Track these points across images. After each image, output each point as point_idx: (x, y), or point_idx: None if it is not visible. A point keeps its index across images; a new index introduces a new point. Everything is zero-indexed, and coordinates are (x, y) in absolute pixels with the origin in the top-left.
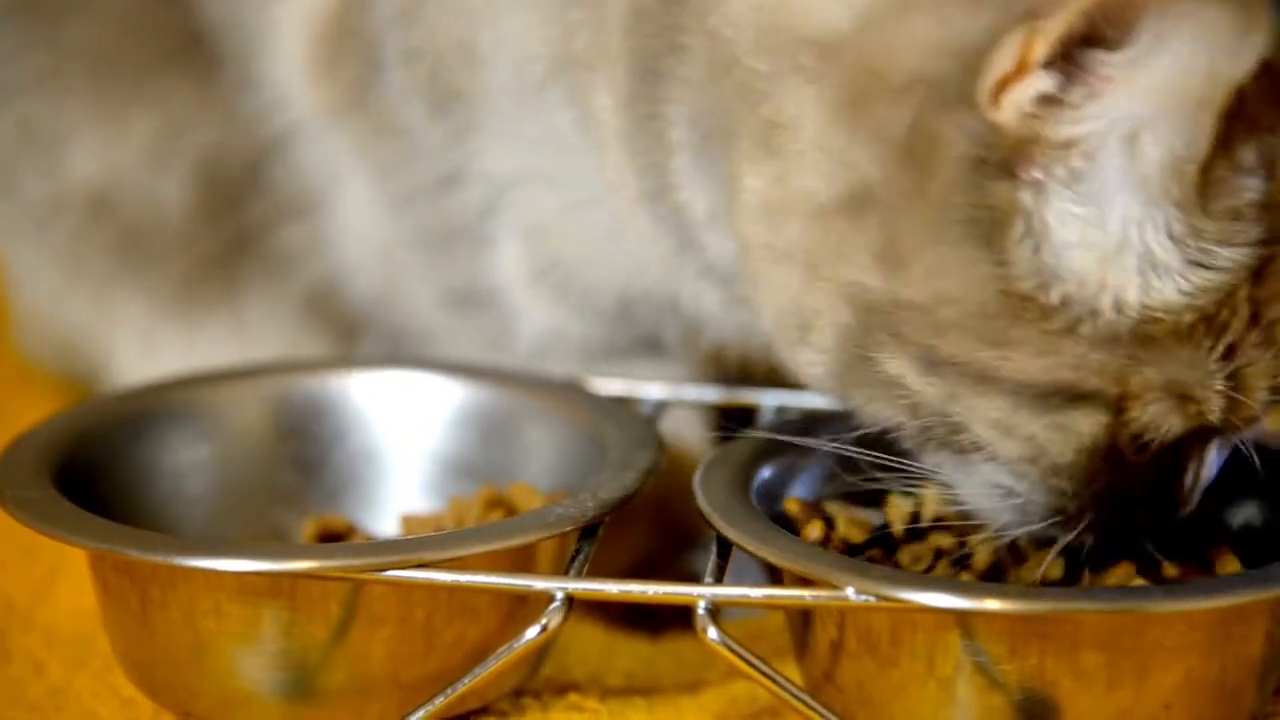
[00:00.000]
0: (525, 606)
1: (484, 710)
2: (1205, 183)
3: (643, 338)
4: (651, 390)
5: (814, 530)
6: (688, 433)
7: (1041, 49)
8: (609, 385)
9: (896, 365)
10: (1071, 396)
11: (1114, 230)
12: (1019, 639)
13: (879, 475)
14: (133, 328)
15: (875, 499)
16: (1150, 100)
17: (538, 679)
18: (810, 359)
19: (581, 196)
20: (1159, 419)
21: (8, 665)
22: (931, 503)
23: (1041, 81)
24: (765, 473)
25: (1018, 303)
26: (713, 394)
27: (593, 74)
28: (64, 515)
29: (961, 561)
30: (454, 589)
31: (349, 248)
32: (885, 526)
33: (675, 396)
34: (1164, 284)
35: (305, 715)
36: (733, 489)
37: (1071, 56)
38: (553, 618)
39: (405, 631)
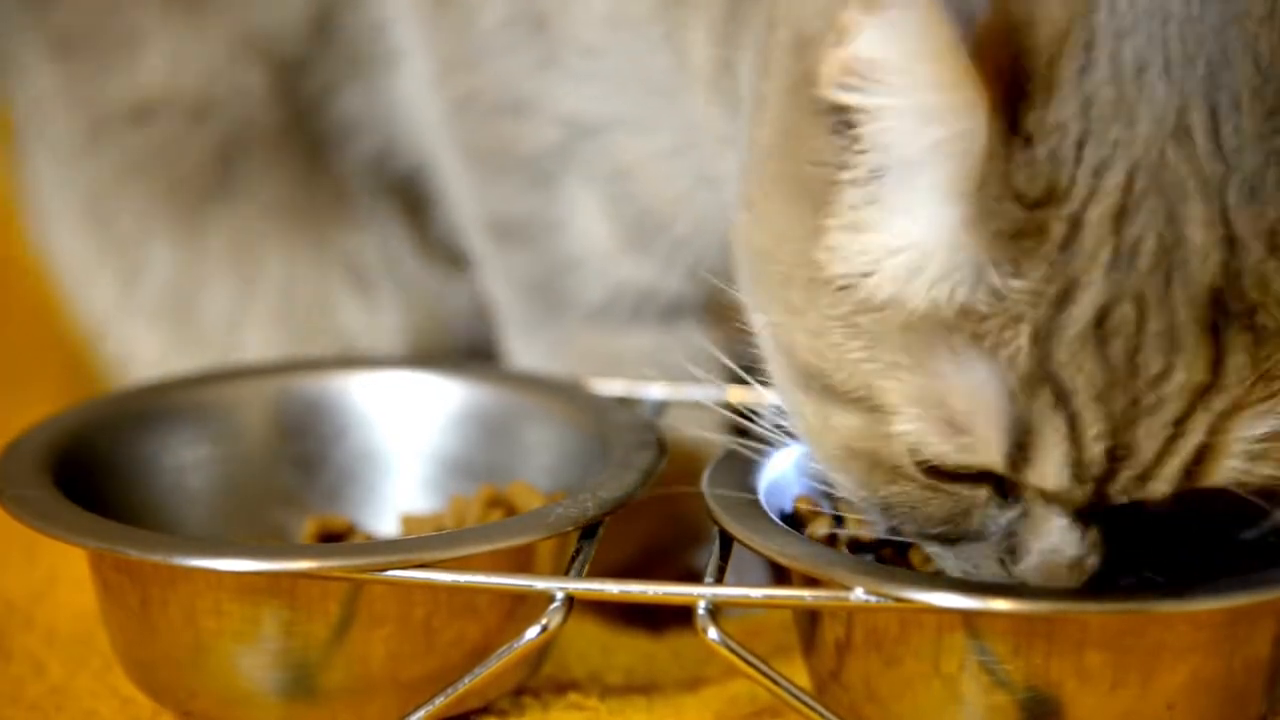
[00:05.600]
0: (525, 606)
1: (484, 709)
2: (983, 197)
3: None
4: (652, 390)
5: (820, 528)
6: (707, 431)
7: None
8: (609, 385)
9: (755, 316)
10: (828, 391)
11: (903, 227)
12: (1024, 638)
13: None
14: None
15: None
16: (895, 85)
17: (538, 677)
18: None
19: (670, 144)
20: (925, 439)
21: (8, 665)
22: None
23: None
24: (774, 471)
25: (815, 275)
26: (713, 393)
27: (691, 10)
28: (64, 514)
29: None
30: (454, 589)
31: (405, 117)
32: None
33: (675, 396)
34: (931, 291)
35: (305, 714)
36: (741, 487)
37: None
38: (553, 618)
39: (405, 631)
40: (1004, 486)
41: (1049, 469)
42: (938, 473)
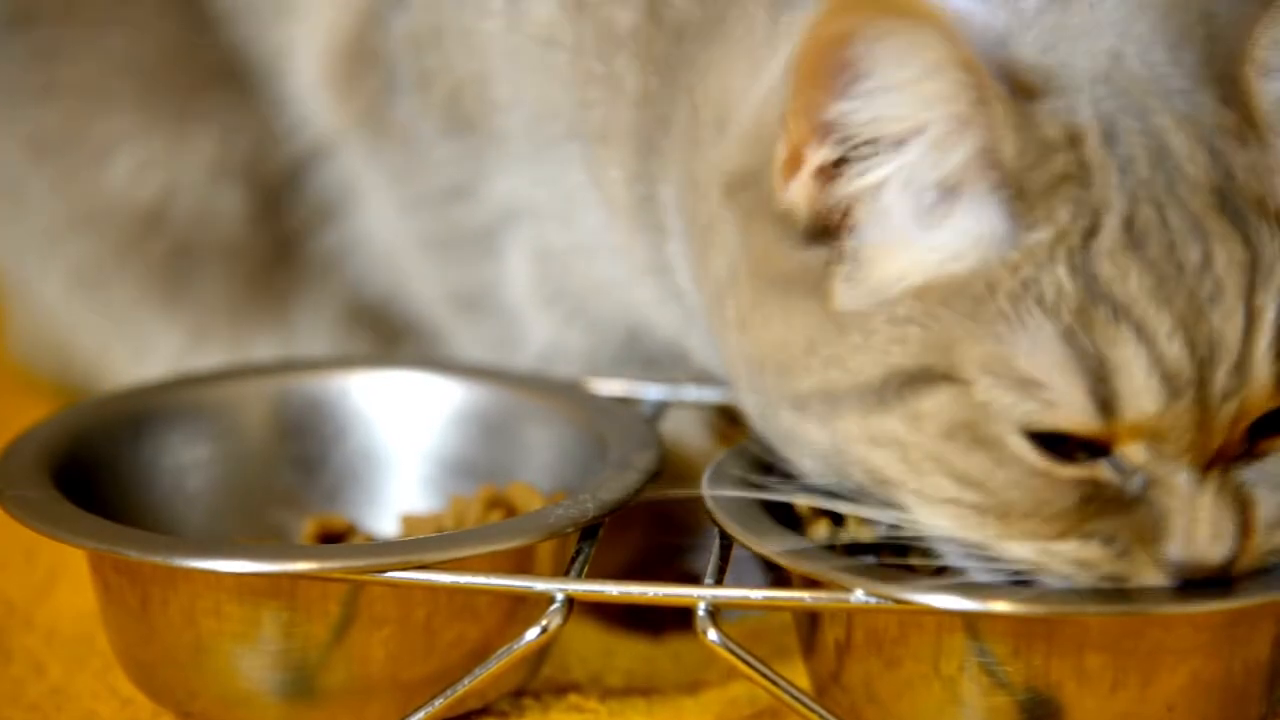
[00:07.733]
0: (525, 607)
1: (484, 710)
2: (1015, 169)
3: (653, 356)
4: (651, 390)
5: (819, 530)
6: (692, 433)
7: (797, 129)
8: (609, 385)
9: (786, 418)
10: (908, 379)
11: (928, 234)
12: (1024, 640)
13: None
14: (170, 345)
15: None
16: (912, 117)
17: (538, 679)
18: (760, 430)
19: (589, 244)
20: (1002, 400)
21: (8, 665)
22: None
23: (817, 155)
24: (773, 471)
25: (841, 320)
26: (712, 394)
27: (605, 148)
28: (64, 515)
29: None
30: (454, 590)
31: (369, 249)
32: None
33: (675, 397)
34: (966, 265)
35: (305, 715)
36: (740, 489)
37: (830, 118)
38: (553, 619)
39: (405, 632)
40: (1119, 460)
41: (1137, 383)
42: (1050, 449)
